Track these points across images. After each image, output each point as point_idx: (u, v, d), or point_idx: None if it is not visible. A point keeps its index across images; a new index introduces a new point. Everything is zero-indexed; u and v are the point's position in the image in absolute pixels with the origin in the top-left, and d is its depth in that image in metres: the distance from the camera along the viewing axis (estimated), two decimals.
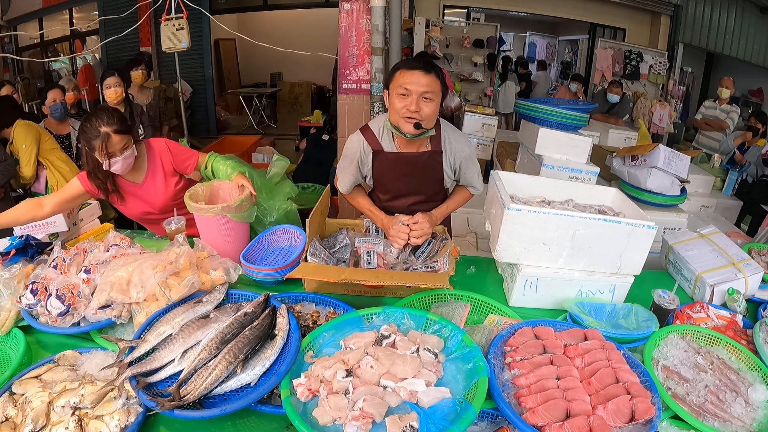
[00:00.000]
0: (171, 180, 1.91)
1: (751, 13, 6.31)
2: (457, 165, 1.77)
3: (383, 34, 3.29)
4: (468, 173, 1.80)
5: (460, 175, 1.81)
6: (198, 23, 6.20)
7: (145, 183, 1.88)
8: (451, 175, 1.80)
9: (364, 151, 1.73)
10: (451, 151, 1.73)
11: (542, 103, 2.97)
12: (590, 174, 2.72)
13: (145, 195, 1.89)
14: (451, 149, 1.73)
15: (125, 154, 1.71)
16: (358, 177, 1.80)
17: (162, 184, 1.89)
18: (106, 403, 1.05)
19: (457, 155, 1.74)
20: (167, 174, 1.90)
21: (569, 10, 7.28)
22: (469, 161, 1.78)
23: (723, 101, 4.83)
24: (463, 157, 1.76)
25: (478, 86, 7.04)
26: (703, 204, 3.52)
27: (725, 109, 4.79)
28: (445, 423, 0.93)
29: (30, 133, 2.82)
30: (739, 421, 1.12)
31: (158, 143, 1.90)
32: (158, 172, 1.88)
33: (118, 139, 1.66)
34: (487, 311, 1.47)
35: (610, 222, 1.44)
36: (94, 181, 1.77)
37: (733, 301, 1.55)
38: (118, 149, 1.67)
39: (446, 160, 1.74)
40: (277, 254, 1.77)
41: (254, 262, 1.62)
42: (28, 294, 1.36)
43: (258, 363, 1.10)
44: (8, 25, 7.22)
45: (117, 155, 1.68)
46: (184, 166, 1.92)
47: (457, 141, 1.74)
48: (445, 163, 1.74)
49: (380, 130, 1.72)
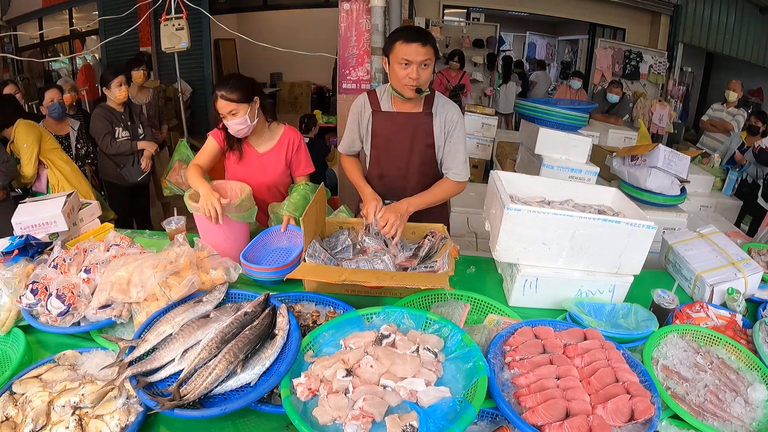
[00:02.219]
0: (284, 168, 2.07)
1: (751, 13, 6.31)
2: (447, 129, 1.88)
3: (383, 34, 3.29)
4: (454, 148, 1.89)
5: (447, 149, 1.90)
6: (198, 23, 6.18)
7: (265, 156, 2.04)
8: (442, 141, 1.90)
9: (364, 107, 1.92)
10: (443, 114, 1.87)
11: (542, 103, 2.97)
12: (590, 174, 2.72)
13: (259, 165, 2.03)
14: (442, 112, 1.88)
15: (236, 120, 1.85)
16: (356, 137, 1.99)
17: (275, 165, 2.05)
18: (107, 402, 1.05)
19: (447, 118, 1.87)
20: (285, 161, 2.06)
21: (569, 10, 7.28)
22: (458, 132, 1.89)
23: (731, 104, 4.82)
24: (453, 123, 1.88)
25: (478, 86, 7.04)
26: (703, 204, 3.52)
27: (732, 111, 4.79)
28: (445, 422, 0.93)
29: (31, 132, 2.82)
30: (738, 420, 1.12)
31: (295, 134, 2.09)
32: (281, 154, 2.05)
33: (225, 104, 1.81)
34: (487, 311, 1.47)
35: (610, 222, 1.44)
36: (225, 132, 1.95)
37: (732, 301, 1.56)
38: (226, 112, 1.83)
39: (437, 123, 1.88)
40: (277, 254, 1.77)
41: (254, 261, 1.62)
42: (28, 294, 1.36)
43: (258, 362, 1.11)
44: (8, 25, 7.21)
45: (227, 118, 1.85)
46: (293, 168, 2.10)
47: (449, 106, 1.90)
48: (436, 126, 1.88)
49: (381, 93, 1.92)
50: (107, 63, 6.89)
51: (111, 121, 3.20)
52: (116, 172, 3.32)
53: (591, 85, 7.02)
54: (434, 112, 1.87)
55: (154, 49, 6.63)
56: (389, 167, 1.95)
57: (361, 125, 1.96)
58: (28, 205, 1.89)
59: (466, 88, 5.82)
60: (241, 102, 1.82)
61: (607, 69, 6.80)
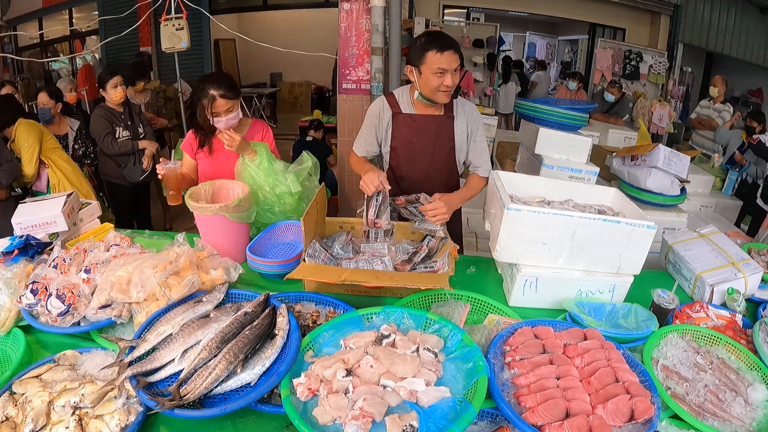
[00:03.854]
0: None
1: (751, 13, 6.31)
2: (469, 129, 1.94)
3: (383, 34, 3.30)
4: (478, 146, 1.96)
5: (471, 147, 1.95)
6: (198, 23, 6.19)
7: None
8: (464, 143, 1.93)
9: (383, 110, 1.93)
10: (464, 115, 1.93)
11: (542, 103, 2.97)
12: (590, 174, 2.71)
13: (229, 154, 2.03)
14: (463, 113, 1.93)
15: (231, 115, 1.92)
16: (374, 140, 1.98)
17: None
18: (107, 402, 1.05)
19: (469, 118, 1.93)
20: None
21: (569, 10, 7.29)
22: (481, 130, 1.96)
23: (716, 100, 4.85)
24: (476, 122, 1.94)
25: (478, 86, 7.04)
26: (703, 204, 3.52)
27: (718, 108, 4.82)
28: (445, 422, 0.93)
29: (32, 132, 2.83)
30: (738, 420, 1.12)
31: (263, 125, 2.18)
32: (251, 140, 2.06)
33: (224, 102, 1.88)
34: (487, 311, 1.47)
35: (610, 222, 1.44)
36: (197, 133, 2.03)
37: (732, 301, 1.56)
38: (224, 110, 1.90)
39: (459, 124, 1.92)
40: (283, 248, 1.81)
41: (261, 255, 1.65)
42: (28, 294, 1.36)
43: (258, 362, 1.11)
44: (8, 25, 7.22)
45: (222, 115, 1.90)
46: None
47: (468, 106, 1.96)
48: (457, 127, 1.92)
49: (400, 95, 1.93)
50: (107, 63, 6.89)
51: (111, 121, 3.19)
52: (117, 172, 3.31)
53: (591, 85, 7.02)
54: (455, 114, 1.91)
55: (154, 49, 6.63)
56: (410, 170, 1.96)
57: (379, 128, 1.96)
58: (28, 205, 1.89)
59: (470, 87, 5.82)
60: (236, 99, 1.94)
61: (607, 69, 6.81)
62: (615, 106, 5.35)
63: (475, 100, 6.32)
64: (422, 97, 1.83)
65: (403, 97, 1.92)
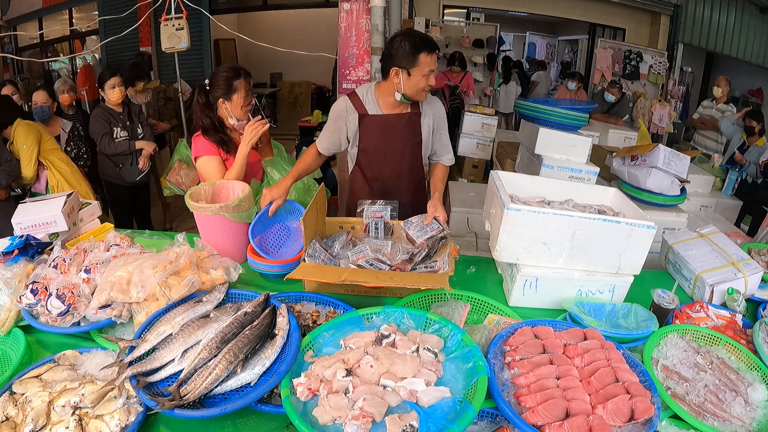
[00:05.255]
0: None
1: (751, 13, 6.30)
2: (435, 124, 1.98)
3: (383, 34, 3.29)
4: (443, 138, 2.02)
5: (435, 139, 1.99)
6: (198, 23, 6.19)
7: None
8: (429, 138, 1.99)
9: (347, 112, 1.91)
10: (430, 111, 1.96)
11: (542, 103, 2.96)
12: (590, 174, 2.71)
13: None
14: (429, 108, 1.96)
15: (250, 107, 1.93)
16: (336, 139, 1.97)
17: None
18: (107, 402, 1.05)
19: (435, 113, 1.97)
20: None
21: (569, 10, 7.28)
22: (443, 124, 2.01)
23: (719, 100, 4.84)
24: (440, 117, 1.99)
25: (478, 86, 7.03)
26: (703, 204, 3.51)
27: (721, 108, 4.81)
28: (445, 422, 0.93)
29: (31, 133, 2.82)
30: (738, 420, 1.12)
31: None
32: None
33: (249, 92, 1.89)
34: (487, 311, 1.47)
35: (610, 222, 1.44)
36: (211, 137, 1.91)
37: (732, 301, 1.56)
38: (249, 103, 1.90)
39: (425, 121, 1.95)
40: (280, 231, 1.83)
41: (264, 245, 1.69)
42: (28, 294, 1.36)
43: (258, 362, 1.11)
44: (8, 25, 7.21)
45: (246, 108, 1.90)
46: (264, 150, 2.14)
47: (433, 101, 1.98)
48: (424, 123, 1.95)
49: (364, 95, 1.91)
50: (107, 63, 6.89)
51: (109, 121, 3.20)
52: (115, 172, 3.32)
53: (591, 86, 7.01)
54: (422, 111, 1.94)
55: (154, 49, 6.63)
56: (383, 169, 1.97)
57: (346, 129, 1.93)
58: (28, 205, 1.88)
59: (470, 88, 5.81)
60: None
61: (607, 69, 6.80)
62: (615, 106, 5.35)
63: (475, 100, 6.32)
64: (405, 98, 1.82)
65: (368, 96, 1.89)
